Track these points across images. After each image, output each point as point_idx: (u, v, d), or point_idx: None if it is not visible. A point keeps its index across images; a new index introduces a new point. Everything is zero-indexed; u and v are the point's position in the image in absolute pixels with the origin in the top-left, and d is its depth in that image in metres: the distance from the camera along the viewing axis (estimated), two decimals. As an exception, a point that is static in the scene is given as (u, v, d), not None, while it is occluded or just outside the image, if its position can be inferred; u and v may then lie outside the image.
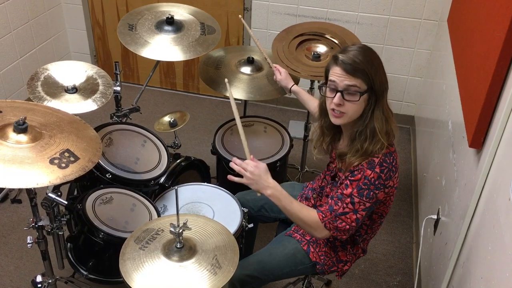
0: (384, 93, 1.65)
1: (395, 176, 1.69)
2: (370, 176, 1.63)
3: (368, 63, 1.61)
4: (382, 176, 1.64)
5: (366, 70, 1.60)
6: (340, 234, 1.72)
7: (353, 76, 1.60)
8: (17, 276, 2.52)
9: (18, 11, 3.49)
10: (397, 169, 1.70)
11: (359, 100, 1.61)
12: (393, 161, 1.67)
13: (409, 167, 3.38)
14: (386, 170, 1.65)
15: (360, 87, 1.61)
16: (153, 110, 3.85)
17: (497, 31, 1.67)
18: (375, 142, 1.64)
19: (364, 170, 1.64)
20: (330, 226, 1.70)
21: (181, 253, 1.51)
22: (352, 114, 1.66)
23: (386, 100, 1.67)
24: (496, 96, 1.65)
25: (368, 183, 1.64)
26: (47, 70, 2.26)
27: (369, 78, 1.60)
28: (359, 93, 1.61)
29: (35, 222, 1.94)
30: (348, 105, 1.63)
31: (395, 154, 1.70)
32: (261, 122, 2.76)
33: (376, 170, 1.63)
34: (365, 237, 1.91)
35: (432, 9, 3.32)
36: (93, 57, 4.16)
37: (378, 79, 1.62)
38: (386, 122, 1.66)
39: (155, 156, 2.31)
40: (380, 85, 1.63)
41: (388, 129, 1.67)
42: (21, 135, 1.58)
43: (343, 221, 1.68)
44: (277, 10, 3.57)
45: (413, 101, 3.70)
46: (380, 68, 1.65)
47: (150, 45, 2.35)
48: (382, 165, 1.64)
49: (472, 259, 1.67)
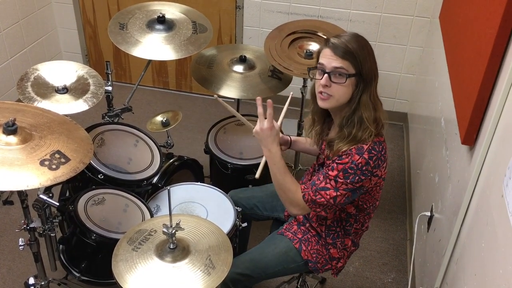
0: (372, 80, 1.66)
1: (383, 166, 1.69)
2: (358, 161, 1.63)
3: (358, 47, 1.62)
4: (371, 163, 1.64)
5: (354, 54, 1.61)
6: (316, 207, 1.72)
7: (341, 58, 1.61)
8: (9, 279, 2.50)
9: (8, 11, 3.46)
10: (385, 159, 1.69)
11: (345, 82, 1.63)
12: (382, 150, 1.67)
13: (402, 164, 3.39)
14: (375, 158, 1.64)
15: (348, 69, 1.62)
16: (145, 109, 3.83)
17: (488, 28, 1.67)
18: (364, 129, 1.65)
19: (352, 155, 1.64)
20: (308, 198, 1.72)
21: (175, 253, 1.50)
22: (339, 98, 1.66)
23: (375, 89, 1.68)
24: (488, 93, 1.65)
25: (354, 168, 1.64)
26: (37, 71, 2.24)
27: (357, 62, 1.61)
28: (346, 75, 1.62)
29: (27, 224, 1.93)
30: (334, 87, 1.64)
31: (385, 144, 1.70)
32: (254, 121, 2.73)
33: (365, 156, 1.63)
34: (356, 229, 1.90)
35: (424, 6, 3.33)
36: (84, 57, 4.14)
37: (367, 65, 1.63)
38: (374, 110, 1.67)
39: (148, 156, 2.30)
40: (368, 71, 1.64)
41: (377, 117, 1.67)
42: (11, 136, 1.56)
43: (322, 196, 1.69)
44: (269, 8, 3.56)
45: (406, 98, 3.71)
46: (370, 55, 1.65)
47: (141, 44, 2.33)
48: (371, 152, 1.64)
49: (465, 256, 1.67)
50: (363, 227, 1.92)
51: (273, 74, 2.61)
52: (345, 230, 1.89)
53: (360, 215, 1.86)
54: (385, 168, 1.72)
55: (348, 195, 1.68)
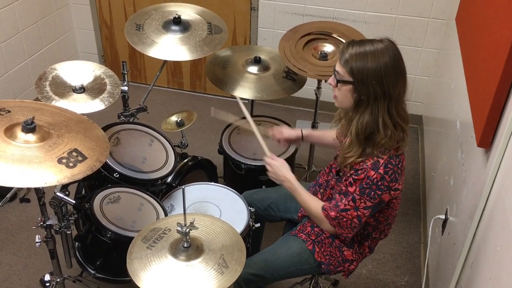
0: (376, 98, 1.61)
1: (401, 179, 1.69)
2: (373, 176, 1.64)
3: (360, 59, 1.60)
4: (386, 177, 1.64)
5: (350, 63, 1.61)
6: (343, 231, 1.75)
7: (340, 63, 1.65)
8: (25, 275, 2.54)
9: (26, 12, 3.51)
10: (402, 172, 1.69)
11: (337, 86, 1.67)
12: (398, 164, 1.67)
13: (417, 167, 3.36)
14: (391, 172, 1.64)
15: (343, 76, 1.64)
16: (160, 109, 3.86)
17: (505, 30, 1.66)
18: (375, 145, 1.64)
19: (368, 171, 1.64)
20: (334, 222, 1.76)
21: (188, 252, 1.51)
22: (341, 100, 1.71)
23: (382, 109, 1.62)
24: (505, 95, 1.64)
25: (370, 183, 1.64)
26: (55, 70, 2.27)
27: (351, 71, 1.61)
28: (337, 80, 1.66)
29: (44, 221, 1.95)
30: (336, 89, 1.70)
31: (402, 157, 1.70)
32: (268, 122, 2.76)
33: (380, 171, 1.63)
34: (374, 236, 1.90)
35: (440, 8, 3.30)
36: (100, 57, 4.18)
37: (361, 78, 1.59)
38: (370, 128, 1.63)
39: (162, 155, 2.32)
40: (363, 85, 1.60)
41: (375, 137, 1.64)
42: (30, 134, 1.59)
43: (344, 217, 1.72)
44: (284, 9, 3.57)
45: (421, 100, 3.68)
46: (370, 70, 1.58)
47: (157, 45, 2.35)
48: (387, 166, 1.64)
49: (480, 259, 1.66)
50: (381, 235, 1.92)
51: (288, 75, 2.62)
52: (362, 236, 1.90)
53: (380, 225, 1.86)
54: (403, 181, 1.72)
55: (370, 211, 1.71)
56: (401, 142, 1.68)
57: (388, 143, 1.64)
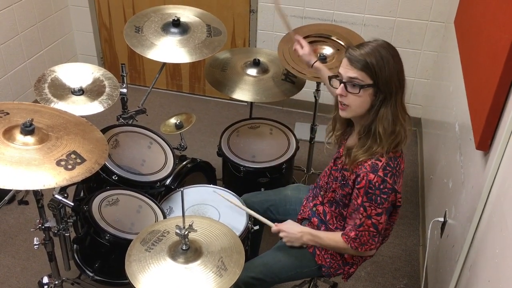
0: (393, 93, 1.62)
1: (399, 182, 1.69)
2: (374, 180, 1.63)
3: (376, 58, 1.59)
4: (388, 179, 1.64)
5: (370, 65, 1.58)
6: (366, 246, 1.74)
7: (356, 68, 1.60)
8: (23, 277, 2.53)
9: (25, 14, 3.51)
10: (400, 174, 1.69)
11: (359, 92, 1.61)
12: (397, 166, 1.66)
13: (415, 170, 3.36)
14: (390, 174, 1.64)
15: (363, 80, 1.60)
16: (159, 112, 3.86)
17: (504, 32, 1.66)
18: (379, 141, 1.64)
19: (367, 175, 1.64)
20: (355, 244, 1.74)
21: (187, 255, 1.51)
22: (356, 108, 1.66)
23: (399, 101, 1.65)
24: (503, 98, 1.64)
25: (373, 188, 1.64)
26: (54, 72, 2.27)
27: (373, 73, 1.59)
28: (359, 86, 1.61)
29: (42, 224, 1.95)
30: (350, 97, 1.64)
31: (400, 159, 1.70)
32: (267, 124, 2.76)
33: (379, 174, 1.63)
34: None
35: (438, 10, 3.31)
36: (99, 59, 4.18)
37: (385, 77, 1.60)
38: (393, 124, 1.64)
39: (161, 158, 2.32)
40: (387, 83, 1.60)
41: (395, 130, 1.65)
42: (28, 136, 1.58)
43: (363, 231, 1.71)
44: (283, 12, 3.57)
45: (420, 103, 3.69)
46: (390, 67, 1.60)
47: (156, 47, 2.35)
48: (386, 169, 1.64)
49: (479, 262, 1.66)
50: (383, 240, 1.92)
51: (287, 78, 2.62)
52: None
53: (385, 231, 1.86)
54: (401, 183, 1.71)
55: (382, 218, 1.69)
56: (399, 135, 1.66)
57: (388, 138, 1.63)
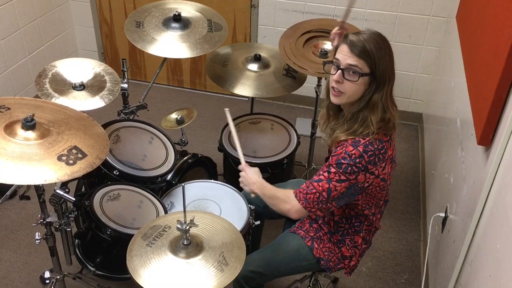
0: (386, 82, 1.65)
1: (381, 165, 1.66)
2: (352, 152, 1.63)
3: (375, 47, 1.61)
4: (365, 157, 1.62)
5: (370, 53, 1.60)
6: (309, 205, 1.70)
7: (357, 56, 1.61)
8: (25, 272, 2.54)
9: (26, 9, 3.51)
10: (385, 159, 1.66)
11: (358, 80, 1.63)
12: (381, 149, 1.65)
13: (417, 165, 3.36)
14: (370, 153, 1.63)
15: (362, 68, 1.62)
16: (160, 107, 3.86)
17: (506, 27, 1.66)
18: (365, 126, 1.65)
19: (347, 146, 1.65)
20: (301, 195, 1.71)
21: (188, 250, 1.52)
22: (350, 95, 1.67)
23: (389, 90, 1.67)
24: (505, 93, 1.64)
25: (348, 158, 1.63)
26: (55, 67, 2.27)
27: (372, 61, 1.61)
28: (359, 74, 1.62)
29: (43, 219, 1.96)
30: (347, 84, 1.65)
31: (387, 144, 1.68)
32: (268, 120, 2.76)
33: (359, 148, 1.63)
34: (367, 226, 1.88)
35: (440, 5, 3.30)
36: (100, 55, 4.18)
37: (382, 66, 1.62)
38: (383, 112, 1.65)
39: (162, 153, 2.32)
40: (383, 72, 1.63)
41: (385, 118, 1.66)
42: (29, 132, 1.59)
43: (314, 187, 1.68)
44: (284, 7, 3.56)
45: (421, 98, 3.68)
46: (387, 56, 1.64)
47: (157, 42, 2.35)
48: (367, 147, 1.63)
49: (480, 257, 1.66)
50: (371, 226, 1.90)
51: (288, 73, 2.62)
52: (354, 227, 1.88)
53: (368, 216, 1.85)
54: (384, 169, 1.68)
55: (342, 190, 1.65)
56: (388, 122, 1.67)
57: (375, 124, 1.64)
